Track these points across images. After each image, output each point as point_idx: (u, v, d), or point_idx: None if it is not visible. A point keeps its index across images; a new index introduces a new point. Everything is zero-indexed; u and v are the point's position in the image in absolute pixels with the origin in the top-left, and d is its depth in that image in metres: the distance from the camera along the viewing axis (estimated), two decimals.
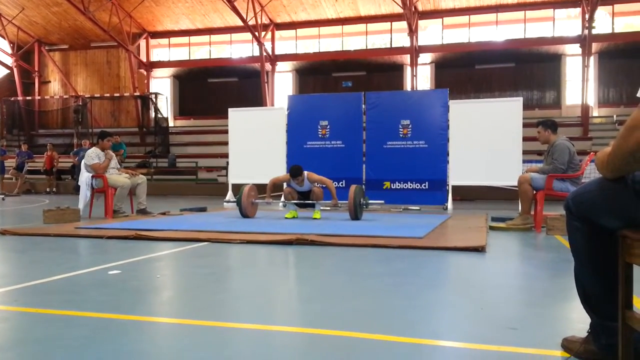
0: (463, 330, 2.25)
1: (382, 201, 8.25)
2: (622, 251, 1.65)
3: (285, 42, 21.31)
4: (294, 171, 7.22)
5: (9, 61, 22.75)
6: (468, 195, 11.73)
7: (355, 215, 6.96)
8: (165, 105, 21.70)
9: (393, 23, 19.73)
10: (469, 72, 20.12)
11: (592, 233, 1.78)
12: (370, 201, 7.47)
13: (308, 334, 2.20)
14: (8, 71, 23.04)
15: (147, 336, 2.21)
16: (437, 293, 3.02)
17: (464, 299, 2.86)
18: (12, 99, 22.35)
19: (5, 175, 15.56)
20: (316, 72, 21.52)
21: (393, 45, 20.25)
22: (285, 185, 7.74)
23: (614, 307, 1.70)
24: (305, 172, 7.30)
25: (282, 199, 8.15)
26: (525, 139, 9.45)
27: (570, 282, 1.98)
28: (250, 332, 2.21)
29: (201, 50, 22.59)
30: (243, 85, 21.81)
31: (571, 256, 1.90)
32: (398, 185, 9.75)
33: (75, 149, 17.48)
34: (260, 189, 7.77)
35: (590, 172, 9.89)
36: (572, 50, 18.54)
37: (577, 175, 5.97)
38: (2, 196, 12.83)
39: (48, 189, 16.43)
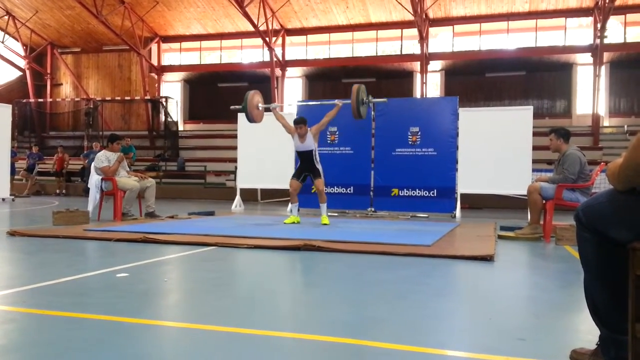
0: (471, 340, 2.24)
1: (385, 100, 8.38)
2: (633, 264, 1.63)
3: (296, 48, 21.38)
4: (299, 119, 7.26)
5: (22, 63, 22.97)
6: (477, 203, 11.68)
7: (358, 114, 6.77)
8: (175, 109, 21.86)
9: (404, 30, 19.73)
10: (480, 80, 20.07)
11: (602, 245, 1.76)
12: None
13: (314, 341, 2.19)
14: (21, 73, 23.26)
15: (154, 340, 2.21)
16: (444, 302, 3.00)
17: (472, 308, 2.84)
18: (24, 100, 22.58)
19: (16, 177, 15.67)
20: (326, 78, 21.55)
21: (403, 52, 20.24)
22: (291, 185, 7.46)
23: (623, 320, 1.68)
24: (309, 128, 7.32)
25: (289, 206, 7.97)
26: (535, 147, 9.41)
27: (580, 293, 1.97)
28: (256, 338, 2.21)
29: (212, 55, 22.69)
30: (253, 90, 21.82)
31: (580, 267, 1.89)
32: (406, 193, 9.72)
33: (85, 152, 17.61)
34: (268, 193, 7.77)
35: (601, 183, 9.84)
36: (584, 59, 18.44)
37: (587, 185, 5.93)
38: (13, 197, 12.93)
39: (58, 191, 16.54)
